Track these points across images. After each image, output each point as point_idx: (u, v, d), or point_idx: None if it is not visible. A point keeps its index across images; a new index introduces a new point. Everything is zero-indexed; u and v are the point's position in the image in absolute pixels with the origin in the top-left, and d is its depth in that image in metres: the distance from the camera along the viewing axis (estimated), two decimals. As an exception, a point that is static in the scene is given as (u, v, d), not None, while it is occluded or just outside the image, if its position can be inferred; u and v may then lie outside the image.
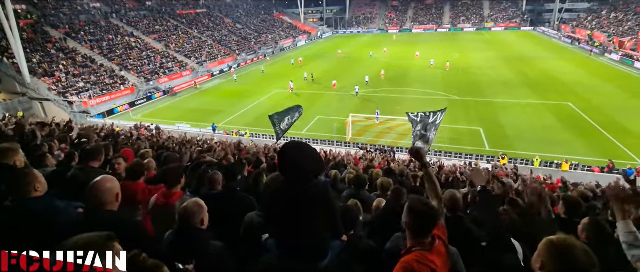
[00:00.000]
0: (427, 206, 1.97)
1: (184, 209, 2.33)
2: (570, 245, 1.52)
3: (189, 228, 2.31)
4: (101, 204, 2.28)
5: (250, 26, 64.14)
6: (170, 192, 3.17)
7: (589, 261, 1.46)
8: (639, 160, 16.83)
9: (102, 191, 2.29)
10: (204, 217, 2.39)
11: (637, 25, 44.92)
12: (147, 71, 36.16)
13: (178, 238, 2.31)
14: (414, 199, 2.04)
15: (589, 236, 2.87)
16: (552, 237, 1.61)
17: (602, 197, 7.54)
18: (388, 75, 35.47)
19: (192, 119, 26.03)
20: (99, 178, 2.35)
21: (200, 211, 2.36)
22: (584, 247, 1.51)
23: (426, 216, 1.93)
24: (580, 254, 1.48)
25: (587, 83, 30.13)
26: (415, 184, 6.67)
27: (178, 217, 2.34)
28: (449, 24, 74.71)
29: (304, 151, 2.12)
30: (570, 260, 1.48)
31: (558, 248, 1.53)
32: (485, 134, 20.84)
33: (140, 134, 13.78)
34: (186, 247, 2.17)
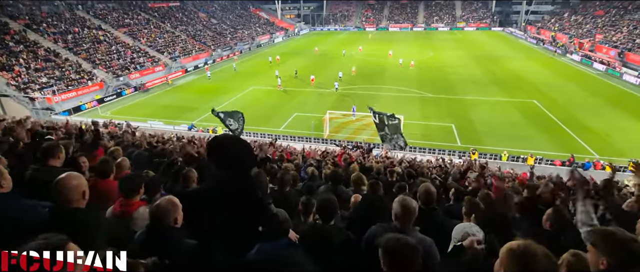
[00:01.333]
0: (402, 243, 1.77)
1: (156, 208, 2.26)
2: (531, 252, 1.47)
3: (161, 227, 2.24)
4: (67, 201, 2.21)
5: (225, 21, 62.85)
6: (129, 202, 3.01)
7: (550, 265, 1.47)
8: (596, 154, 18.04)
9: (67, 188, 2.21)
10: (178, 215, 2.30)
11: (595, 27, 47.90)
12: (116, 66, 34.66)
13: (150, 237, 2.25)
14: (389, 237, 1.82)
15: (552, 224, 3.11)
16: (513, 244, 1.56)
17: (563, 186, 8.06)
18: (363, 73, 35.95)
19: (165, 116, 25.25)
20: (64, 175, 2.27)
21: (174, 209, 2.28)
22: (545, 252, 1.49)
23: (401, 255, 1.73)
24: (542, 259, 1.45)
25: (550, 82, 31.86)
26: (391, 178, 6.86)
27: (150, 216, 2.27)
28: (423, 23, 76.52)
29: (235, 140, 2.12)
30: (532, 267, 1.44)
31: (519, 255, 1.48)
32: (456, 130, 21.60)
33: (111, 132, 13.24)
34: (158, 246, 2.13)
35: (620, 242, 1.74)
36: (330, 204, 2.89)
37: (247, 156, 2.13)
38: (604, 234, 1.83)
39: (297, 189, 4.98)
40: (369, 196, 3.98)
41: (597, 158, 17.37)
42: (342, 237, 2.75)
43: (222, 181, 2.10)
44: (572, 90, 29.38)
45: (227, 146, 2.08)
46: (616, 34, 42.72)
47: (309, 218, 3.31)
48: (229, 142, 2.11)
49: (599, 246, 1.79)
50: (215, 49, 49.86)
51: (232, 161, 2.06)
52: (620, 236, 1.76)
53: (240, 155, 2.08)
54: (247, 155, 2.13)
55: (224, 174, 2.11)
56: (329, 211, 2.86)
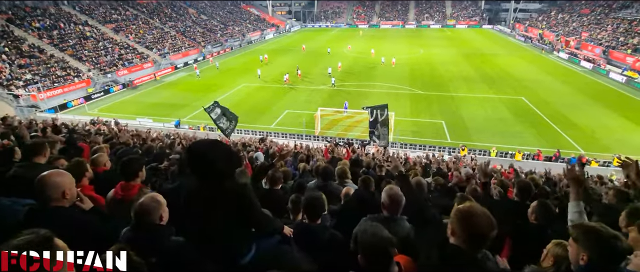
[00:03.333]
0: (376, 237, 1.82)
1: (140, 206, 2.21)
2: (472, 211, 1.70)
3: (146, 225, 2.21)
4: (47, 200, 2.16)
5: (215, 17, 62.17)
6: (129, 185, 3.03)
7: (488, 223, 1.65)
8: (582, 150, 18.44)
9: (47, 185, 2.16)
10: (163, 213, 2.28)
11: (581, 25, 48.85)
12: (104, 63, 34.02)
13: (135, 235, 2.20)
14: (362, 230, 1.89)
15: (538, 216, 3.17)
16: (459, 206, 1.79)
17: (550, 182, 8.26)
18: (355, 70, 36.05)
19: (154, 113, 24.92)
20: (46, 172, 2.22)
21: (158, 206, 2.25)
22: (485, 212, 1.69)
23: (377, 249, 1.79)
24: (481, 218, 1.66)
25: (538, 79, 32.40)
26: (380, 173, 6.92)
27: (134, 214, 2.22)
28: (414, 20, 76.90)
29: (215, 148, 2.03)
30: (472, 223, 1.66)
31: (463, 214, 1.71)
32: (446, 127, 21.83)
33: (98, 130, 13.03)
34: (144, 244, 2.08)
35: (601, 238, 1.75)
36: (317, 202, 2.89)
37: (226, 162, 2.04)
38: (585, 230, 1.85)
39: (287, 185, 4.98)
40: (361, 191, 3.99)
41: (582, 153, 17.76)
42: (327, 236, 2.75)
43: (203, 187, 2.06)
44: (559, 87, 29.93)
45: (205, 154, 1.99)
46: (601, 32, 43.62)
47: (298, 216, 3.31)
48: (207, 149, 2.02)
49: (580, 241, 1.82)
50: (205, 45, 49.32)
51: (209, 169, 1.99)
52: (602, 232, 1.78)
53: (219, 162, 2.00)
54: (226, 161, 2.04)
55: (203, 181, 2.06)
56: (316, 209, 2.85)
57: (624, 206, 3.75)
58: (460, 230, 1.69)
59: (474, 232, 1.66)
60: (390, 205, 2.65)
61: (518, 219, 3.41)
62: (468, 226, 1.67)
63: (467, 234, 1.67)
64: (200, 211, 2.04)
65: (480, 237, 1.66)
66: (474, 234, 1.66)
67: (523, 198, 4.40)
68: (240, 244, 2.19)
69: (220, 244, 2.08)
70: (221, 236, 2.06)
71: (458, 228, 1.71)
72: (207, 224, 2.04)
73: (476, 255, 1.72)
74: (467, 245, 1.68)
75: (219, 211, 2.01)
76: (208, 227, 2.05)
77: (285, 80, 31.42)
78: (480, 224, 1.65)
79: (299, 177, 6.03)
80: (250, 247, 2.23)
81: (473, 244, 1.68)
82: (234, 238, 2.11)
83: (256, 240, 2.30)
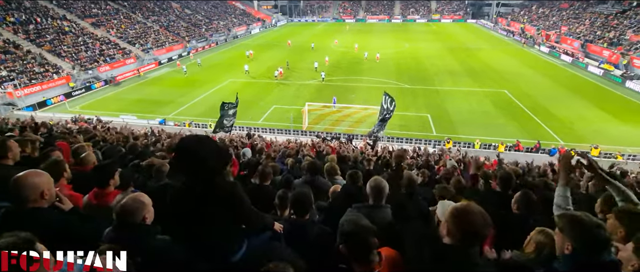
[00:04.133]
0: (357, 226, 1.85)
1: (121, 207, 2.14)
2: (468, 210, 1.70)
3: (129, 225, 2.14)
4: (24, 201, 2.10)
5: (200, 12, 60.96)
6: (103, 192, 2.91)
7: (484, 222, 1.65)
8: (561, 141, 19.05)
9: (24, 186, 2.10)
10: (147, 213, 2.21)
11: (560, 19, 50.10)
12: (84, 59, 32.99)
13: (118, 235, 2.13)
14: (345, 220, 1.91)
15: (520, 206, 3.28)
16: (457, 205, 1.80)
17: (532, 173, 8.53)
18: (342, 65, 36.06)
19: (138, 110, 24.39)
20: (23, 172, 2.16)
21: (142, 207, 2.18)
22: (481, 211, 1.69)
23: (358, 238, 1.81)
24: (476, 216, 1.66)
25: (520, 72, 33.18)
26: (368, 167, 7.00)
27: (115, 215, 2.15)
28: (400, 15, 77.28)
29: (204, 145, 1.97)
30: (468, 222, 1.66)
31: (459, 213, 1.71)
32: (432, 120, 22.16)
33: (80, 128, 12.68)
34: (128, 244, 2.01)
35: (585, 228, 1.76)
36: (305, 198, 2.89)
37: (216, 159, 2.01)
38: (570, 220, 1.86)
39: (276, 180, 4.99)
40: (349, 187, 4.04)
41: (562, 144, 18.35)
42: (316, 231, 2.79)
43: (193, 185, 2.02)
44: (539, 80, 30.72)
45: (196, 151, 1.94)
46: (579, 26, 44.87)
47: (285, 212, 3.33)
48: (197, 146, 1.96)
49: (565, 230, 1.83)
50: (189, 40, 48.39)
51: (200, 167, 1.94)
52: (585, 221, 1.79)
53: (209, 160, 1.96)
54: (216, 158, 2.01)
55: (193, 179, 2.02)
56: (304, 205, 2.86)
57: (600, 194, 3.93)
58: (455, 228, 1.69)
59: (470, 230, 1.66)
60: (374, 194, 2.74)
61: (501, 209, 3.51)
62: (464, 225, 1.67)
63: (462, 232, 1.68)
64: (190, 210, 2.00)
65: (475, 235, 1.67)
66: (469, 232, 1.66)
67: (505, 189, 4.57)
68: (232, 241, 2.17)
69: (211, 243, 2.05)
70: (212, 235, 2.04)
71: (453, 226, 1.70)
72: (198, 222, 2.01)
73: (469, 252, 1.71)
74: (462, 243, 1.69)
75: (210, 209, 1.98)
76: (199, 225, 2.02)
77: (276, 75, 31.14)
78: (476, 222, 1.65)
79: (288, 173, 6.04)
80: (241, 244, 2.22)
81: (467, 242, 1.68)
82: (225, 236, 2.10)
83: (247, 237, 2.29)
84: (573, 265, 1.78)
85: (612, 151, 17.15)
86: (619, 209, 2.37)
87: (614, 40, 37.20)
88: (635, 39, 35.41)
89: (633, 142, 18.53)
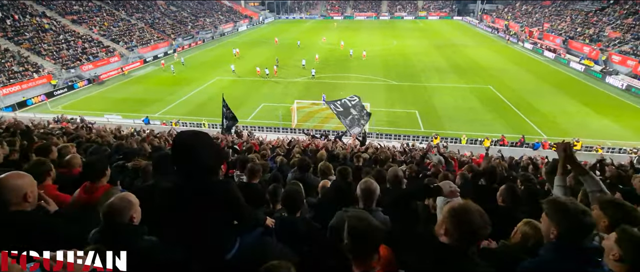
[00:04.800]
0: (366, 224, 1.80)
1: (109, 207, 2.09)
2: (467, 210, 1.67)
3: (115, 225, 2.09)
4: (6, 204, 2.05)
5: (185, 9, 59.97)
6: (94, 186, 2.89)
7: (483, 222, 1.64)
8: (544, 135, 19.54)
9: (6, 188, 2.05)
10: (135, 213, 2.17)
11: (543, 16, 51.23)
12: (66, 57, 32.09)
13: (105, 237, 2.08)
14: (352, 217, 1.88)
15: (505, 199, 3.36)
16: (454, 204, 1.78)
17: (517, 167, 8.75)
18: (330, 62, 36.08)
19: (123, 109, 23.92)
20: (4, 174, 2.11)
21: (129, 206, 2.14)
22: (479, 210, 1.67)
23: (363, 236, 1.75)
24: (475, 216, 1.64)
25: (504, 68, 33.83)
26: (358, 164, 7.05)
27: (102, 216, 2.09)
28: (387, 12, 77.67)
29: (202, 140, 1.94)
30: (467, 221, 1.64)
31: (457, 212, 1.69)
32: (420, 116, 22.42)
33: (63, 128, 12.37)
34: (114, 245, 1.97)
35: (570, 213, 1.79)
36: (296, 195, 2.91)
37: (214, 157, 1.99)
38: (556, 205, 1.89)
39: (265, 178, 4.98)
40: (338, 183, 4.06)
41: (545, 138, 18.83)
42: (305, 227, 2.81)
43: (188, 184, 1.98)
44: (523, 76, 31.38)
45: (193, 147, 1.92)
46: (561, 23, 45.97)
47: (277, 206, 3.35)
48: (194, 143, 1.94)
49: (551, 215, 1.87)
50: (175, 38, 47.58)
51: (196, 164, 1.92)
52: (570, 207, 1.81)
53: (206, 157, 1.94)
54: (214, 156, 2.00)
55: (189, 177, 1.99)
56: (295, 202, 2.88)
57: (580, 187, 4.06)
58: (453, 228, 1.67)
59: (468, 230, 1.64)
60: (364, 197, 2.73)
61: (487, 202, 3.60)
62: (462, 225, 1.65)
63: (460, 232, 1.65)
64: (184, 207, 1.97)
65: (473, 234, 1.65)
66: (468, 232, 1.64)
67: (490, 182, 4.68)
68: (225, 239, 2.16)
69: (206, 241, 2.03)
70: (208, 234, 2.02)
71: (451, 226, 1.68)
72: (192, 220, 1.98)
73: (468, 252, 1.68)
74: (460, 242, 1.67)
75: (206, 207, 1.95)
76: (193, 224, 1.99)
77: (267, 73, 30.89)
78: (475, 222, 1.63)
79: (277, 170, 6.04)
80: (234, 242, 2.21)
81: (466, 242, 1.67)
82: (219, 234, 2.08)
83: (239, 234, 2.29)
84: (557, 250, 1.81)
85: (593, 144, 17.70)
86: (604, 199, 2.44)
87: (593, 36, 38.28)
88: (613, 35, 36.52)
89: (612, 136, 19.16)
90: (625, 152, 16.78)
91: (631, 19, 37.77)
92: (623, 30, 36.39)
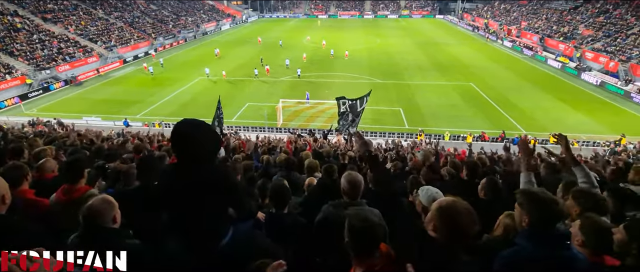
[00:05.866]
0: (367, 222, 1.74)
1: (88, 209, 2.03)
2: (455, 208, 1.68)
3: (96, 228, 2.03)
4: None
5: (166, 7, 58.70)
6: (73, 188, 2.81)
7: (471, 220, 1.65)
8: (523, 130, 20.16)
9: None
10: (116, 214, 2.12)
11: (521, 15, 52.75)
12: (40, 58, 30.88)
13: (84, 241, 2.00)
14: (352, 215, 1.83)
15: (486, 193, 3.47)
16: (441, 201, 1.79)
17: (499, 161, 8.99)
18: (315, 61, 36.10)
19: (103, 111, 23.24)
20: None
21: (110, 208, 2.08)
22: (468, 208, 1.68)
23: (367, 234, 1.70)
24: (464, 215, 1.65)
25: (485, 66, 34.68)
26: (343, 161, 7.11)
27: (82, 218, 2.03)
28: (371, 10, 78.25)
29: (201, 128, 1.98)
30: (455, 221, 1.65)
31: (445, 211, 1.69)
32: (404, 114, 22.74)
33: (38, 131, 11.94)
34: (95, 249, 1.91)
35: (541, 202, 1.88)
36: (284, 190, 2.94)
37: (213, 143, 2.02)
38: (528, 195, 1.97)
39: (248, 177, 4.97)
40: (324, 180, 4.09)
41: (524, 133, 19.42)
42: (291, 222, 2.83)
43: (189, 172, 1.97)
44: (503, 73, 32.26)
45: (194, 135, 1.93)
46: (537, 21, 47.48)
47: (266, 201, 3.38)
48: (195, 130, 1.95)
49: (523, 205, 1.95)
50: (156, 37, 46.52)
51: (198, 151, 1.92)
52: (541, 196, 1.90)
53: (208, 143, 1.97)
54: (214, 142, 2.02)
55: (189, 165, 1.97)
56: (283, 197, 2.91)
57: (553, 177, 4.23)
58: (442, 226, 1.69)
59: (457, 229, 1.65)
60: (350, 190, 2.73)
61: (469, 196, 3.70)
62: (451, 224, 1.66)
63: (449, 230, 1.67)
64: (184, 195, 1.96)
65: (462, 233, 1.65)
66: (457, 231, 1.65)
67: (472, 176, 4.81)
68: (222, 227, 2.15)
69: (203, 228, 2.02)
70: (205, 220, 2.01)
71: (440, 224, 1.70)
72: (192, 207, 1.97)
73: (455, 249, 1.68)
74: (448, 240, 1.68)
75: (205, 193, 1.95)
76: (193, 210, 1.97)
77: (256, 73, 30.50)
78: (463, 221, 1.64)
79: (263, 169, 6.03)
80: (228, 230, 2.19)
81: (454, 240, 1.67)
82: (216, 221, 2.08)
83: (233, 223, 2.28)
84: (530, 237, 1.89)
85: (569, 138, 18.35)
86: (575, 189, 2.57)
87: (568, 34, 39.70)
88: (586, 33, 37.98)
89: (587, 130, 19.96)
90: (599, 146, 17.52)
91: (602, 17, 39.38)
92: (595, 28, 37.90)
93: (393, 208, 2.95)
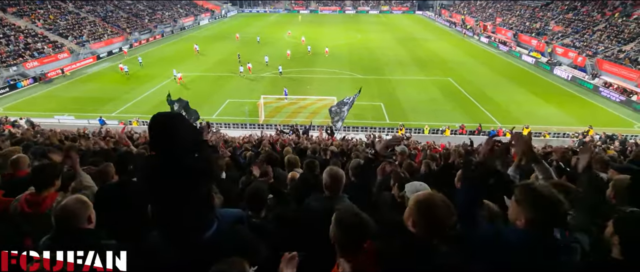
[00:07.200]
0: (358, 217, 1.77)
1: (62, 209, 1.95)
2: (432, 201, 1.71)
3: (70, 230, 1.95)
4: None
5: (141, 1, 56.71)
6: (40, 196, 2.58)
7: (448, 212, 1.68)
8: (499, 123, 20.89)
9: None
10: (91, 214, 2.05)
11: (496, 11, 54.26)
12: (5, 54, 29.27)
13: (57, 243, 1.87)
14: (342, 210, 1.86)
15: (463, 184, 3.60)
16: (419, 195, 1.80)
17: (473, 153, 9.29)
18: (296, 56, 35.92)
19: (76, 109, 22.35)
20: None
21: (84, 207, 2.01)
22: (444, 201, 1.70)
23: (356, 229, 1.72)
24: (440, 208, 1.68)
25: (462, 61, 35.56)
26: (326, 157, 7.18)
27: (55, 219, 1.95)
28: (351, 6, 78.42)
29: (179, 120, 1.97)
30: (432, 214, 1.68)
31: (423, 204, 1.72)
32: (385, 108, 23.06)
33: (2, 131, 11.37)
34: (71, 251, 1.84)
35: (546, 202, 1.75)
36: (261, 193, 2.89)
37: (193, 133, 2.00)
38: (530, 191, 1.83)
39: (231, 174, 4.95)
40: (306, 175, 4.13)
41: (499, 126, 20.15)
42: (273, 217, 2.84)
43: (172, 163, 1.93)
44: (479, 68, 33.19)
45: (171, 124, 1.91)
46: (511, 18, 49.00)
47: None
48: (171, 120, 1.93)
49: (523, 202, 1.81)
50: (131, 32, 44.96)
51: (174, 140, 1.90)
52: (547, 194, 1.77)
53: (189, 134, 1.96)
54: (194, 133, 2.01)
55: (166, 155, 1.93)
56: (261, 201, 2.87)
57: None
58: (419, 219, 1.71)
59: (435, 222, 1.67)
60: (331, 184, 2.75)
61: (445, 187, 3.84)
62: (428, 216, 1.68)
63: (427, 223, 1.68)
64: (165, 186, 1.92)
65: (440, 226, 1.67)
66: (434, 224, 1.67)
67: (448, 167, 4.99)
68: (204, 218, 2.11)
69: (188, 220, 1.98)
70: (191, 212, 1.98)
71: (418, 218, 1.72)
72: (178, 200, 1.94)
73: (434, 241, 1.69)
74: (427, 233, 1.69)
75: (186, 184, 1.92)
76: (174, 202, 1.94)
77: (241, 71, 30.01)
78: (440, 214, 1.67)
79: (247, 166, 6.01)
80: (213, 222, 2.16)
81: (433, 233, 1.69)
82: (201, 212, 2.05)
83: (217, 217, 2.25)
84: (527, 240, 1.76)
85: (541, 130, 19.18)
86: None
87: (539, 30, 41.22)
88: (557, 29, 39.56)
89: (557, 122, 20.90)
90: (569, 137, 18.40)
91: (571, 14, 41.10)
92: (564, 25, 39.53)
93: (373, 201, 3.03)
